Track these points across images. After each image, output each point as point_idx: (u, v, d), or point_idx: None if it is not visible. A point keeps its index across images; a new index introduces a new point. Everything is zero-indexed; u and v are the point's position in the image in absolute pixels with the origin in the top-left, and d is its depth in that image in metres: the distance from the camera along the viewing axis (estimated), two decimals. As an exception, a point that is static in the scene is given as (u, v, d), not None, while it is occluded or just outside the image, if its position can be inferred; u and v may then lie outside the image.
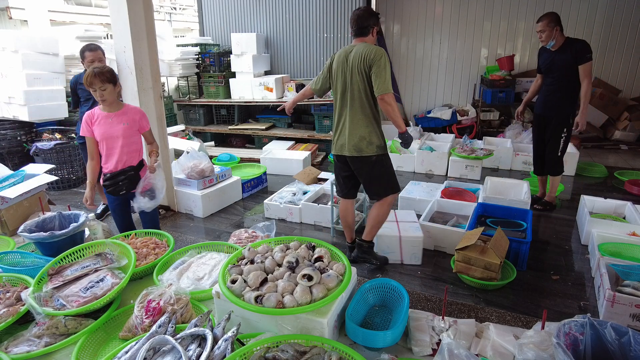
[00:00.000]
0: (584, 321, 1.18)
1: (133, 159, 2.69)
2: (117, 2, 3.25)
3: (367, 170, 2.79)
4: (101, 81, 2.43)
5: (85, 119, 2.57)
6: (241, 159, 5.82)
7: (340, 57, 2.71)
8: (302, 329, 1.35)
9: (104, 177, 2.65)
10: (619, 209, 3.65)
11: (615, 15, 6.13)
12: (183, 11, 14.07)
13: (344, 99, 2.74)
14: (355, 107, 2.69)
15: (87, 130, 2.58)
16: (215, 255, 2.01)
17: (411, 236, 3.08)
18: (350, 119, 2.71)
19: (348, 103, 2.71)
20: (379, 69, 2.54)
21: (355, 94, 2.67)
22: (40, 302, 1.57)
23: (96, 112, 2.59)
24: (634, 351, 1.11)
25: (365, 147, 2.71)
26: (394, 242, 3.11)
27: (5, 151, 4.83)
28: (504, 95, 6.32)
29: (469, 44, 6.81)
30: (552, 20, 3.48)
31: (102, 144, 2.59)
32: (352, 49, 2.68)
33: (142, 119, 2.69)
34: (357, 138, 2.70)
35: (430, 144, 5.64)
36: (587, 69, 3.46)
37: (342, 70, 2.70)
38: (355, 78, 2.64)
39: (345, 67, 2.68)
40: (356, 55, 2.61)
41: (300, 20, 6.60)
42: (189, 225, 4.00)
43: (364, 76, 2.61)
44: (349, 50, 2.69)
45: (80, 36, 5.21)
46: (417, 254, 3.11)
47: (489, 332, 1.43)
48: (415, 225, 3.23)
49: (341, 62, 2.70)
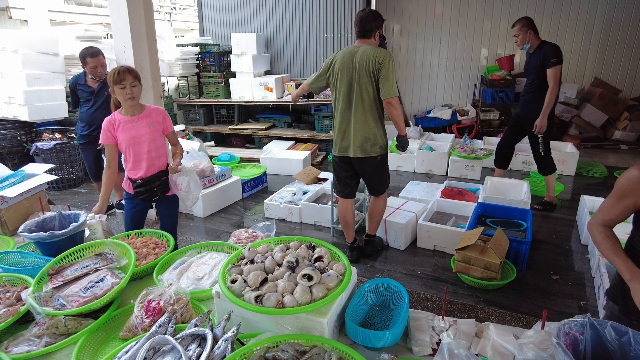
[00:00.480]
0: (584, 321, 1.18)
1: (162, 162, 2.57)
2: (117, 2, 3.25)
3: (372, 169, 2.88)
4: (133, 77, 2.32)
5: (107, 126, 2.40)
6: (241, 159, 5.82)
7: (345, 58, 2.71)
8: (302, 329, 1.35)
9: (136, 184, 2.50)
10: (619, 209, 3.64)
11: (615, 15, 6.13)
12: (183, 11, 14.08)
13: (349, 100, 2.74)
14: (361, 108, 2.71)
15: (109, 137, 2.42)
16: (215, 255, 2.01)
17: (395, 221, 3.31)
18: (355, 120, 2.74)
19: (353, 104, 2.73)
20: (387, 73, 2.59)
21: (363, 96, 2.68)
22: (40, 302, 1.57)
23: (117, 117, 2.42)
24: (634, 351, 1.11)
25: (369, 148, 2.77)
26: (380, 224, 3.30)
27: (5, 151, 4.83)
28: (504, 95, 6.32)
29: (469, 44, 6.81)
30: (525, 24, 3.63)
31: (129, 150, 2.45)
32: (357, 50, 2.69)
33: (165, 119, 2.55)
34: (362, 139, 2.75)
35: (430, 144, 5.64)
36: (553, 73, 3.48)
37: (348, 71, 2.70)
38: (363, 80, 2.65)
39: (351, 68, 2.68)
40: (363, 57, 2.63)
41: (300, 20, 6.60)
42: (189, 225, 4.00)
43: (371, 78, 2.64)
44: (354, 52, 2.69)
45: (80, 36, 5.21)
46: (400, 239, 3.34)
47: (489, 332, 1.43)
48: (406, 214, 3.43)
49: (346, 63, 2.70)
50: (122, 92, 2.33)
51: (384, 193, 3.03)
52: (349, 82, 2.71)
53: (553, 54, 3.46)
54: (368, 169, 2.87)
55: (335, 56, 2.79)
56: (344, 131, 2.82)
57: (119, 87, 2.31)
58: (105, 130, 2.41)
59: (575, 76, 6.62)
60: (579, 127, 6.41)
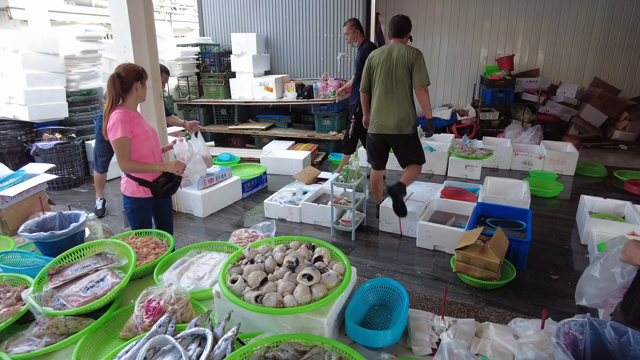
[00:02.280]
0: (583, 321, 1.18)
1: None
2: (117, 2, 3.25)
3: (404, 145, 3.50)
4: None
5: (125, 119, 2.28)
6: (241, 159, 5.82)
7: (383, 54, 3.35)
8: (302, 329, 1.35)
9: (160, 182, 2.46)
10: (618, 209, 3.66)
11: (615, 15, 6.13)
12: (183, 11, 14.07)
13: (386, 88, 3.36)
14: (397, 94, 3.34)
15: (129, 129, 2.30)
16: (215, 255, 2.01)
17: (409, 211, 3.44)
18: (393, 104, 3.36)
19: (391, 91, 3.35)
20: (420, 66, 3.26)
21: (399, 84, 3.32)
22: (41, 301, 1.57)
23: (126, 112, 2.33)
24: (633, 351, 1.11)
25: (404, 127, 3.39)
26: (394, 214, 3.48)
27: (5, 151, 4.84)
28: (504, 95, 6.32)
29: (468, 44, 6.81)
30: (353, 24, 4.26)
31: (151, 140, 2.44)
32: (394, 47, 3.32)
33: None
34: (399, 120, 3.37)
35: (430, 143, 5.64)
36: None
37: (386, 63, 3.33)
38: (400, 70, 3.28)
39: (389, 61, 3.32)
40: (400, 53, 3.28)
41: (300, 20, 6.61)
42: (189, 225, 4.00)
43: (407, 69, 3.27)
44: (391, 49, 3.32)
45: (80, 36, 5.21)
46: (414, 227, 3.49)
47: (488, 332, 1.43)
48: (417, 204, 3.64)
49: (384, 57, 3.34)
50: (141, 90, 2.40)
51: (420, 164, 3.57)
52: (387, 72, 3.32)
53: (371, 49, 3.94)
54: (402, 144, 3.50)
55: (372, 55, 3.43)
56: (384, 113, 3.40)
57: (140, 82, 2.37)
58: (125, 124, 2.28)
59: (575, 76, 6.62)
60: (578, 127, 6.41)
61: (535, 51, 6.63)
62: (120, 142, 2.28)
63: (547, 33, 6.43)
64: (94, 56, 5.43)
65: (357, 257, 3.30)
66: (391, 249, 3.44)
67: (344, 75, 6.59)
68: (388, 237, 3.64)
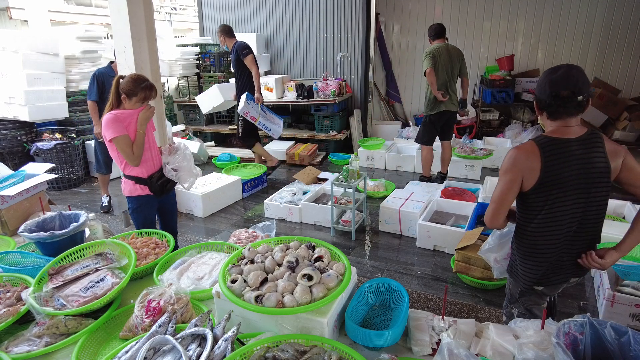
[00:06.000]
0: (583, 321, 1.18)
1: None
2: (117, 2, 3.25)
3: (454, 118, 4.54)
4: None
5: (118, 119, 2.29)
6: (241, 159, 5.82)
7: (443, 51, 4.19)
8: (302, 329, 1.35)
9: (154, 177, 2.47)
10: (618, 209, 3.65)
11: (615, 15, 6.12)
12: (183, 11, 14.07)
13: (448, 75, 4.24)
14: (454, 80, 4.33)
15: (123, 128, 2.30)
16: (216, 255, 2.01)
17: (409, 211, 3.56)
18: (452, 88, 4.30)
19: (451, 79, 4.28)
20: (464, 61, 4.36)
21: (455, 72, 4.30)
22: (41, 301, 1.57)
23: (118, 113, 2.33)
24: (633, 351, 1.11)
25: (457, 105, 4.42)
26: (394, 215, 3.61)
27: (5, 151, 4.83)
28: (504, 95, 6.32)
29: (468, 44, 6.81)
30: (220, 31, 4.71)
31: (148, 135, 2.45)
32: (447, 46, 4.24)
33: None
34: (456, 100, 4.37)
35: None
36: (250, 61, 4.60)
37: (447, 57, 4.21)
38: (454, 63, 4.26)
39: (447, 55, 4.21)
40: (454, 50, 4.27)
41: (300, 20, 6.61)
42: (189, 225, 4.00)
43: (457, 62, 4.28)
44: (445, 47, 4.22)
45: (80, 36, 5.21)
46: (414, 227, 3.51)
47: (488, 332, 1.43)
48: (417, 204, 3.67)
49: (444, 53, 4.19)
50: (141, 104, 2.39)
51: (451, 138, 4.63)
52: (447, 64, 4.21)
53: (242, 48, 4.56)
54: (453, 117, 4.48)
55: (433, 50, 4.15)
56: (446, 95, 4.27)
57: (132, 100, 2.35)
58: (118, 122, 2.29)
59: (575, 76, 6.60)
60: (578, 127, 6.40)
61: (535, 51, 6.63)
62: (116, 140, 2.29)
63: (547, 33, 6.43)
64: (94, 56, 5.43)
65: (357, 257, 3.30)
66: (391, 249, 3.44)
67: (344, 75, 6.59)
68: (388, 237, 3.64)
